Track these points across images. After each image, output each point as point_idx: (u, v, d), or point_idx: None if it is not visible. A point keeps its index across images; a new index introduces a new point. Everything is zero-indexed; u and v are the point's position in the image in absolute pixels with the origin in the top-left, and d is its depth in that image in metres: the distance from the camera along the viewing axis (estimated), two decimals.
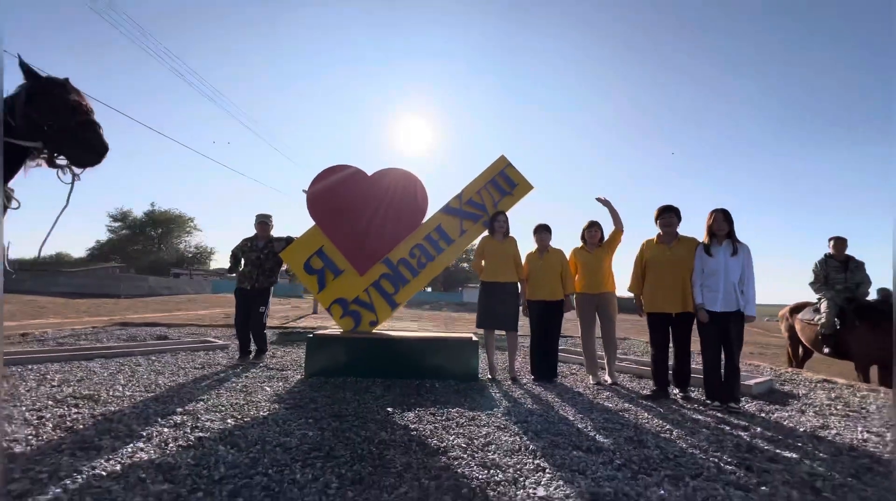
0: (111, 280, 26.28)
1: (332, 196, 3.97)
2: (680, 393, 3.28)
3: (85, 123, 1.86)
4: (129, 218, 38.98)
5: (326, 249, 3.90)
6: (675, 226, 3.28)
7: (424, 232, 3.97)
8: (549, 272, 3.79)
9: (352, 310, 3.81)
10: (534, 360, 3.81)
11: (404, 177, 4.08)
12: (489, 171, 4.13)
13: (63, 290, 23.46)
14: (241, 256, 4.28)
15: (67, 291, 23.33)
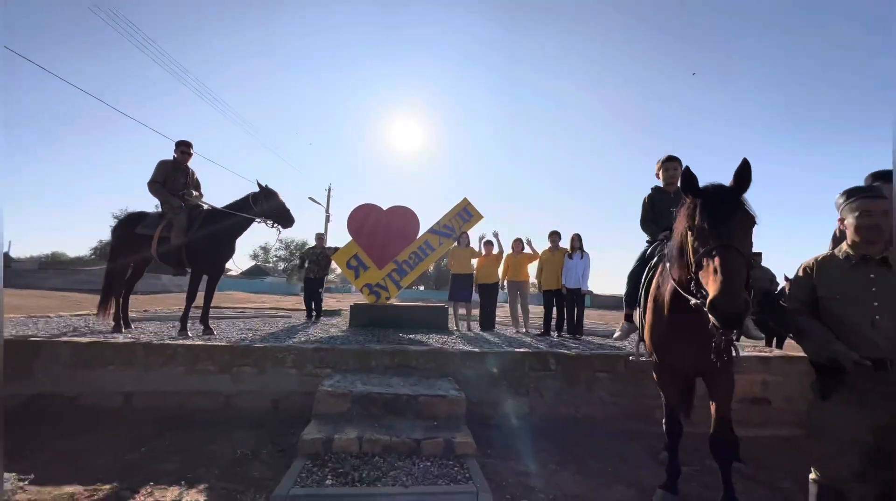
0: None
1: (362, 223, 6.74)
2: (558, 335, 6.10)
3: (285, 210, 4.63)
4: None
5: (359, 254, 6.67)
6: None
7: (417, 244, 6.76)
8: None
9: (374, 290, 6.58)
10: (482, 317, 6.63)
11: (404, 210, 6.87)
12: (456, 207, 6.93)
13: (83, 286, 25.70)
14: (307, 258, 7.06)
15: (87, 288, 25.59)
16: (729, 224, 1.65)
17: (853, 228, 1.71)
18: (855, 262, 1.70)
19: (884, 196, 1.68)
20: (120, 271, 4.81)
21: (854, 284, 1.68)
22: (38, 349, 3.65)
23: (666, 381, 2.42)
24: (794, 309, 1.82)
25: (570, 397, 3.98)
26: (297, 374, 3.78)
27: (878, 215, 1.64)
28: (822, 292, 1.75)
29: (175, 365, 3.71)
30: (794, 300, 1.83)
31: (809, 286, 1.80)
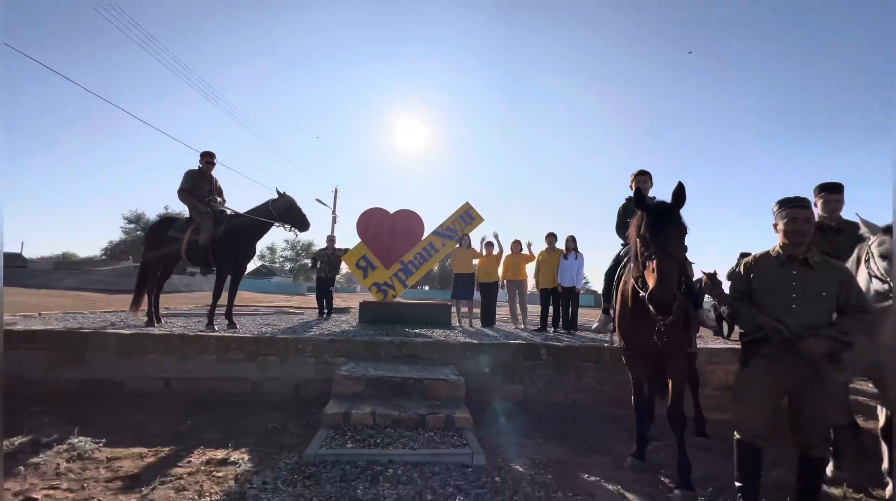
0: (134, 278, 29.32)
1: (370, 225, 7.21)
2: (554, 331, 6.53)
3: (302, 215, 5.11)
4: (142, 220, 41.93)
5: (367, 254, 7.14)
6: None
7: (422, 246, 7.22)
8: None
9: (382, 288, 7.05)
10: (482, 314, 7.08)
11: (410, 214, 7.34)
12: (459, 211, 7.38)
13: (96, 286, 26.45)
14: (319, 258, 7.55)
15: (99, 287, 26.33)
16: (665, 234, 2.10)
17: (783, 232, 2.15)
18: (783, 261, 2.14)
19: (807, 206, 2.12)
20: (152, 270, 5.32)
21: (779, 278, 2.12)
22: (89, 339, 4.16)
23: (632, 363, 2.86)
24: (734, 297, 2.26)
25: (560, 384, 4.42)
26: (315, 362, 4.26)
27: (802, 222, 2.08)
28: (755, 285, 2.19)
29: (208, 354, 4.20)
30: (734, 290, 2.27)
31: (747, 279, 2.23)
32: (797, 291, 2.05)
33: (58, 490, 2.18)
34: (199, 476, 2.39)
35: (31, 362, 4.05)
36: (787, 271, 2.11)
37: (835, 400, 2.04)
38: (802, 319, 2.02)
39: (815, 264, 2.08)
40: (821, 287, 2.03)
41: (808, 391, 2.02)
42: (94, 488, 2.22)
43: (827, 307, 2.03)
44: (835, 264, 2.12)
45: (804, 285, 2.05)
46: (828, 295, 2.03)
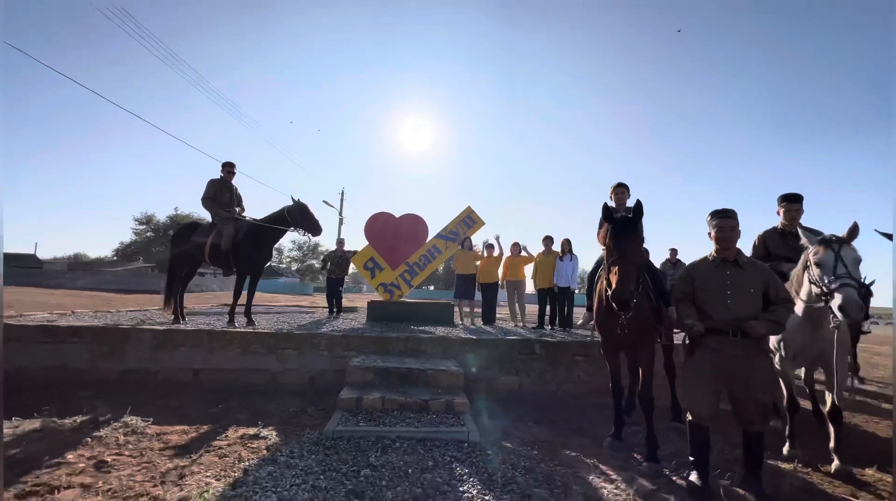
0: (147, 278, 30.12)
1: (377, 229, 7.66)
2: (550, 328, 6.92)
3: (315, 221, 5.57)
4: (153, 221, 42.84)
5: (375, 256, 7.58)
6: None
7: (426, 248, 7.65)
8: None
9: (389, 288, 7.49)
10: (483, 313, 7.49)
11: (415, 217, 7.77)
12: (461, 215, 7.80)
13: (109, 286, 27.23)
14: (329, 260, 8.01)
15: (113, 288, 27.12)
16: (626, 243, 2.51)
17: (715, 239, 2.56)
18: (718, 263, 2.55)
19: (733, 217, 2.53)
20: (178, 271, 5.80)
21: (716, 278, 2.52)
22: (128, 334, 4.64)
23: (608, 353, 3.27)
24: (678, 299, 2.66)
25: (552, 376, 4.83)
26: (329, 356, 4.70)
27: (728, 230, 2.49)
28: (696, 285, 2.60)
29: (232, 348, 4.67)
30: (678, 292, 2.68)
31: (690, 281, 2.64)
32: (731, 288, 2.46)
33: (122, 455, 2.64)
34: (236, 446, 2.84)
35: (76, 354, 4.54)
36: (722, 272, 2.51)
37: (763, 383, 2.44)
38: (736, 312, 2.43)
39: (744, 264, 2.49)
40: (750, 284, 2.44)
41: (742, 375, 2.42)
42: (151, 455, 2.67)
43: (756, 301, 2.44)
44: (760, 265, 2.53)
45: (737, 283, 2.46)
46: (755, 291, 2.43)
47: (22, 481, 2.24)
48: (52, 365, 4.50)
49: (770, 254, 3.69)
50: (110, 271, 31.18)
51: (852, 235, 2.69)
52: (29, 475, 2.31)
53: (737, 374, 2.44)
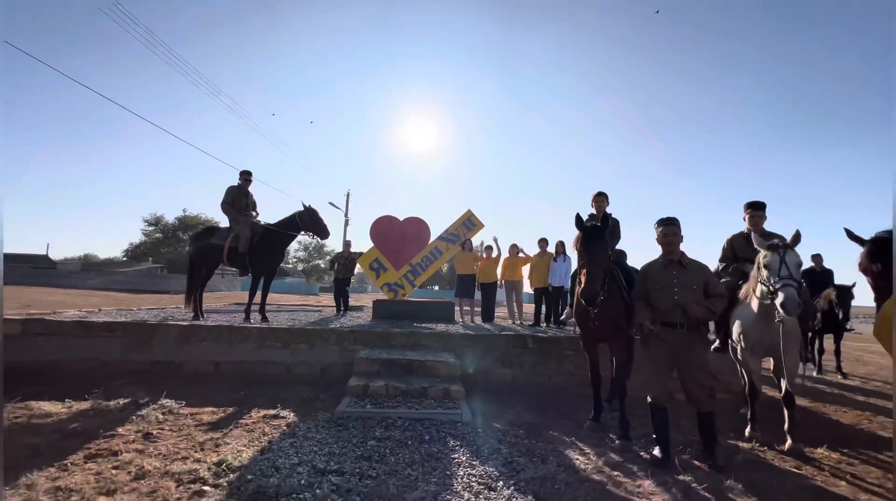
0: (157, 278, 30.87)
1: (382, 231, 8.10)
2: (546, 326, 7.32)
3: (324, 225, 6.03)
4: (161, 222, 43.69)
5: (379, 257, 8.03)
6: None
7: (428, 249, 8.08)
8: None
9: (393, 288, 7.93)
10: (483, 311, 7.91)
11: (418, 220, 8.21)
12: (462, 218, 8.23)
13: (122, 286, 27.99)
14: (336, 261, 8.48)
15: (126, 288, 27.87)
16: (593, 248, 2.93)
17: (661, 243, 2.98)
18: (665, 264, 2.96)
19: (675, 224, 2.96)
20: (197, 271, 6.28)
21: (665, 278, 2.93)
22: (155, 329, 5.12)
23: (586, 345, 3.68)
24: (636, 298, 3.08)
25: (543, 369, 5.25)
26: (338, 349, 5.15)
27: (671, 236, 2.92)
28: (648, 285, 3.01)
29: (250, 342, 5.13)
30: (636, 293, 3.09)
31: (644, 282, 3.05)
32: (677, 285, 2.87)
33: (164, 430, 3.10)
34: (260, 424, 3.29)
35: (110, 347, 5.03)
36: (670, 271, 2.93)
37: (705, 369, 2.85)
38: (682, 305, 2.84)
39: (687, 264, 2.91)
40: (692, 281, 2.85)
41: (687, 362, 2.83)
42: (189, 429, 3.13)
43: (698, 295, 2.85)
44: (700, 264, 2.96)
45: (681, 281, 2.87)
46: (697, 287, 2.85)
47: (86, 447, 2.70)
48: (88, 357, 4.99)
49: (736, 256, 4.07)
50: (121, 272, 31.97)
51: (795, 241, 3.09)
52: (91, 443, 2.78)
53: (683, 361, 2.85)
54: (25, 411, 3.33)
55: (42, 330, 5.02)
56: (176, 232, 43.89)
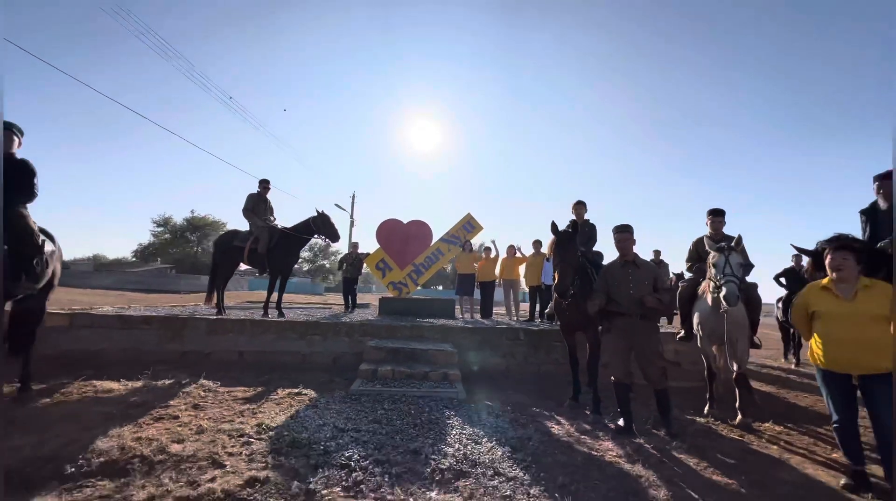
0: (167, 279, 31.75)
1: (387, 233, 8.73)
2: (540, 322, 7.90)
3: (335, 230, 6.67)
4: (170, 223, 44.68)
5: (385, 258, 8.65)
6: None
7: (430, 250, 8.69)
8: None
9: (397, 286, 8.55)
10: (482, 308, 8.52)
11: (420, 223, 8.83)
12: (462, 221, 8.83)
13: (135, 286, 28.83)
14: (345, 261, 9.12)
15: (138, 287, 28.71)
16: (564, 250, 3.53)
17: (617, 247, 3.58)
18: (622, 264, 3.55)
19: (628, 230, 3.56)
20: (220, 271, 6.93)
21: (621, 275, 3.53)
22: (186, 322, 5.77)
23: (564, 334, 4.27)
24: (595, 289, 3.68)
25: (534, 358, 5.84)
26: (348, 341, 5.77)
27: (624, 241, 3.52)
28: (609, 282, 3.60)
29: (270, 334, 5.76)
30: (596, 286, 3.69)
31: (605, 279, 3.64)
32: (632, 281, 3.46)
33: (208, 402, 3.73)
34: (286, 399, 3.91)
35: (147, 338, 5.68)
36: (626, 270, 3.52)
37: (657, 352, 3.43)
38: (637, 297, 3.43)
39: (640, 264, 3.50)
40: (644, 278, 3.44)
41: (642, 347, 3.42)
42: (228, 403, 3.75)
43: (649, 289, 3.44)
44: (650, 264, 3.56)
45: (635, 278, 3.46)
46: (648, 283, 3.44)
47: (150, 413, 3.34)
48: (128, 347, 5.64)
49: (700, 257, 4.64)
50: (132, 272, 32.89)
51: (738, 244, 3.67)
52: (153, 410, 3.41)
53: (639, 347, 3.44)
54: (91, 387, 3.98)
55: (87, 323, 5.68)
56: (184, 233, 44.89)
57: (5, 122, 3.46)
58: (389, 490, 2.26)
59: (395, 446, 2.81)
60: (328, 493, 2.21)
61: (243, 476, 2.31)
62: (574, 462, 2.83)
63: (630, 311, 3.43)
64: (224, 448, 2.69)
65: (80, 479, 2.29)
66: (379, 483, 2.33)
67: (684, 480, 2.66)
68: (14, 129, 3.52)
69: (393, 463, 2.57)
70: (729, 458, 3.09)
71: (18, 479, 2.27)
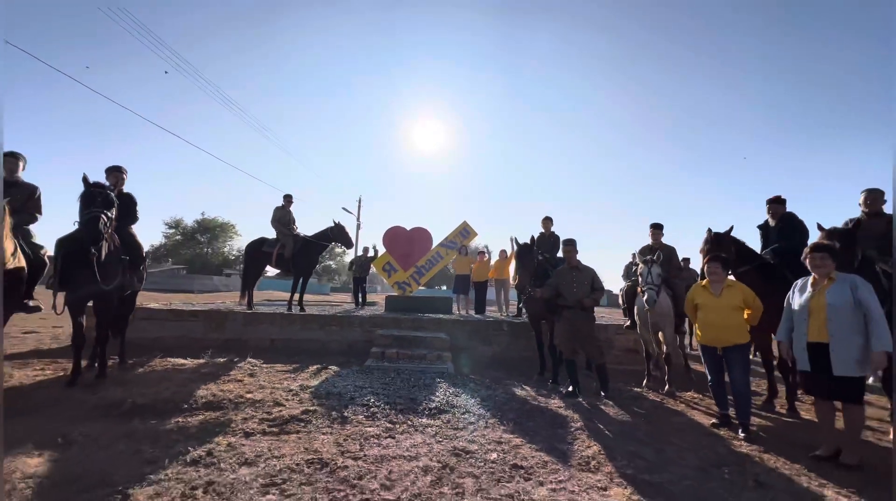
0: (181, 279, 33.29)
1: (392, 239, 9.98)
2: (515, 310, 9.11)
3: (349, 238, 7.93)
4: (181, 225, 46.36)
5: (391, 260, 9.90)
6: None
7: (431, 254, 9.93)
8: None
9: (402, 285, 9.80)
10: (476, 304, 9.75)
11: (422, 230, 10.08)
12: (459, 228, 10.06)
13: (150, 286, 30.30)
14: (355, 263, 10.40)
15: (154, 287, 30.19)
16: (524, 258, 4.76)
17: (564, 256, 4.80)
18: (568, 269, 4.77)
19: (572, 244, 4.77)
20: (251, 273, 8.21)
21: (568, 278, 4.74)
22: (226, 315, 7.05)
23: (531, 323, 5.49)
24: (547, 286, 4.88)
25: (514, 345, 7.05)
26: (360, 330, 7.02)
27: (568, 252, 4.73)
28: (559, 282, 4.80)
29: (295, 325, 7.03)
30: (549, 284, 4.89)
31: (556, 279, 4.85)
32: (575, 282, 4.67)
33: (258, 373, 4.98)
34: (316, 371, 5.17)
35: (195, 327, 6.97)
36: (571, 274, 4.73)
37: (594, 335, 4.63)
38: (578, 295, 4.64)
39: (581, 269, 4.70)
40: (584, 279, 4.65)
41: (582, 332, 4.63)
42: (273, 373, 5.01)
43: (588, 289, 4.64)
44: (589, 268, 4.74)
45: (578, 280, 4.67)
46: (587, 284, 4.64)
47: (219, 379, 4.60)
48: (178, 336, 6.93)
49: None
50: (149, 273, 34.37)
51: (658, 258, 4.86)
52: (221, 376, 4.68)
53: (580, 332, 4.64)
54: (168, 362, 5.27)
55: (145, 316, 6.98)
56: (195, 234, 46.57)
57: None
58: (395, 417, 3.51)
59: (399, 396, 4.06)
60: (355, 418, 3.45)
61: (299, 409, 3.56)
62: (525, 408, 4.05)
63: (574, 304, 4.63)
64: (282, 396, 3.95)
65: (192, 411, 3.55)
66: (388, 413, 3.57)
67: (598, 419, 3.87)
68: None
69: (397, 404, 3.82)
70: (641, 410, 4.29)
71: (153, 410, 3.54)
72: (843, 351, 2.98)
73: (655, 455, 3.07)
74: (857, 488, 2.65)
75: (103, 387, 4.14)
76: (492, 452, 2.93)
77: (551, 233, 6.42)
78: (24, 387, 4.17)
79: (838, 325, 3.01)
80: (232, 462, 2.61)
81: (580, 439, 3.33)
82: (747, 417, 3.67)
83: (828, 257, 3.19)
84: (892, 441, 3.52)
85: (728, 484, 2.67)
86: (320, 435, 3.10)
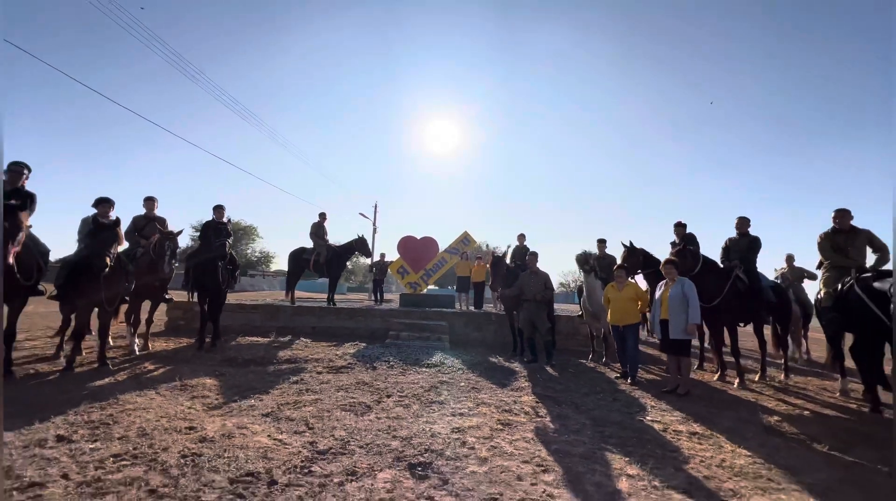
0: None
1: (405, 246, 12.19)
2: None
3: (368, 249, 10.16)
4: None
5: (404, 264, 12.10)
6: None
7: (437, 259, 12.09)
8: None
9: (413, 285, 11.99)
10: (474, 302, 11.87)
11: (429, 239, 12.27)
12: (460, 237, 12.21)
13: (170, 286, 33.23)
14: (375, 266, 12.64)
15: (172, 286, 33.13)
16: (498, 265, 6.89)
17: (527, 263, 6.89)
18: (530, 273, 6.86)
19: (533, 255, 6.87)
20: (294, 275, 10.51)
21: (528, 279, 6.83)
22: (279, 308, 9.36)
23: (506, 313, 7.60)
24: (516, 285, 6.97)
25: (500, 333, 9.14)
26: (380, 320, 9.23)
27: (531, 261, 6.83)
28: (522, 282, 6.89)
29: (331, 316, 9.28)
30: (515, 284, 6.98)
31: (521, 281, 6.94)
32: (533, 283, 6.75)
33: (310, 347, 7.22)
34: (351, 346, 7.37)
35: (256, 317, 9.29)
36: (531, 276, 6.82)
37: (545, 319, 6.70)
38: (535, 291, 6.74)
39: (538, 273, 6.79)
40: (540, 281, 6.74)
41: (536, 317, 6.72)
42: (321, 347, 7.23)
43: (542, 287, 6.72)
44: (543, 272, 6.83)
45: (535, 281, 6.76)
46: (542, 283, 6.74)
47: (286, 349, 6.85)
48: (243, 324, 9.25)
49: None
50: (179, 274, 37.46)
51: (592, 269, 6.90)
52: (285, 348, 6.93)
53: (536, 317, 6.71)
54: (245, 340, 7.56)
55: None
56: None
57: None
58: (405, 367, 5.69)
59: (407, 358, 6.25)
60: (380, 367, 5.65)
61: (345, 362, 5.79)
62: (493, 368, 6.17)
63: (532, 298, 6.70)
64: (334, 356, 6.17)
65: (280, 363, 5.78)
66: (401, 365, 5.76)
67: (539, 373, 5.96)
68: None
69: (407, 361, 6.02)
70: (573, 371, 6.35)
71: (255, 362, 5.77)
72: (676, 324, 5.02)
73: (562, 387, 5.17)
74: (671, 403, 4.68)
75: (218, 351, 6.44)
76: (461, 382, 5.08)
77: (524, 246, 8.49)
78: (171, 350, 6.51)
79: (673, 308, 5.05)
80: (314, 383, 4.82)
81: (519, 380, 5.44)
82: (635, 371, 5.72)
83: (672, 267, 5.23)
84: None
85: (597, 398, 4.74)
86: (361, 374, 5.29)
